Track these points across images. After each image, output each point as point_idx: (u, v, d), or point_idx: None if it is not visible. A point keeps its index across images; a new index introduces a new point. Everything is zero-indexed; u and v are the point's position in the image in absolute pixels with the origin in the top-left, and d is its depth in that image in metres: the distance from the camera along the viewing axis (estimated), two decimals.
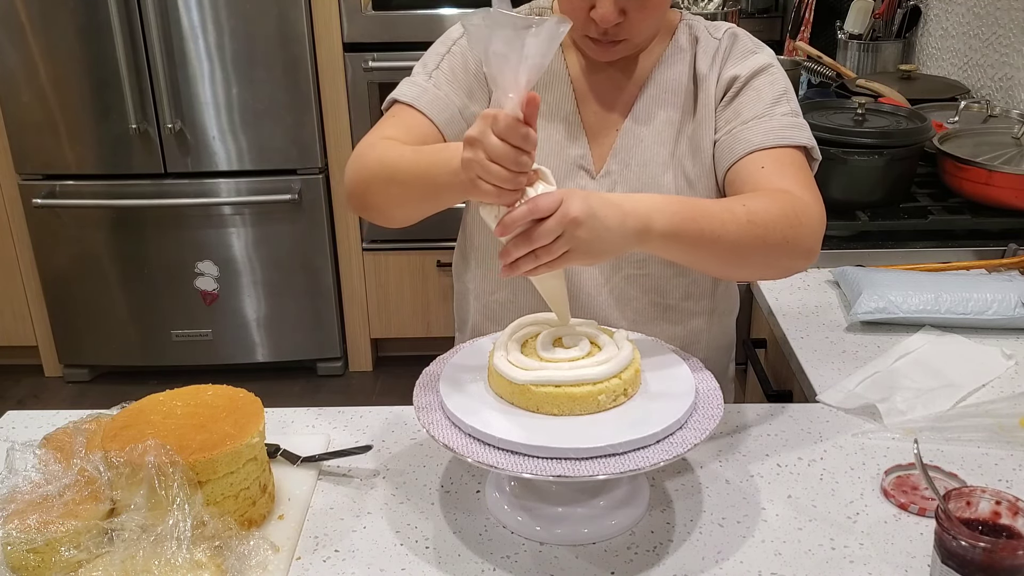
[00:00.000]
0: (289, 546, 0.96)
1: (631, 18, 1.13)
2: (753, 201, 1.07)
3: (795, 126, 1.17)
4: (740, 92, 1.21)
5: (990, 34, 2.15)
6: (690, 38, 1.25)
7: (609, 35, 1.15)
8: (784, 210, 1.06)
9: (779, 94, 1.20)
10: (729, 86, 1.21)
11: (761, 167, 1.14)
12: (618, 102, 1.25)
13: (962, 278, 1.41)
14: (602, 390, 0.93)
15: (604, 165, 1.24)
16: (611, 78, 1.25)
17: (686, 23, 1.27)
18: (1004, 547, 0.78)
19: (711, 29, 1.26)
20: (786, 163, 1.14)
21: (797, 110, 1.20)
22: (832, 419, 1.16)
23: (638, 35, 1.17)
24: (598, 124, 1.25)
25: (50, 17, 2.81)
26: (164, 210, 3.02)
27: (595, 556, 0.94)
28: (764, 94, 1.20)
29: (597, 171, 1.24)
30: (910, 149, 1.67)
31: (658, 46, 1.26)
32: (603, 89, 1.25)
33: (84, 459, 0.94)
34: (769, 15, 3.20)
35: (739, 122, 1.19)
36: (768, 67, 1.21)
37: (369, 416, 1.20)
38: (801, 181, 1.12)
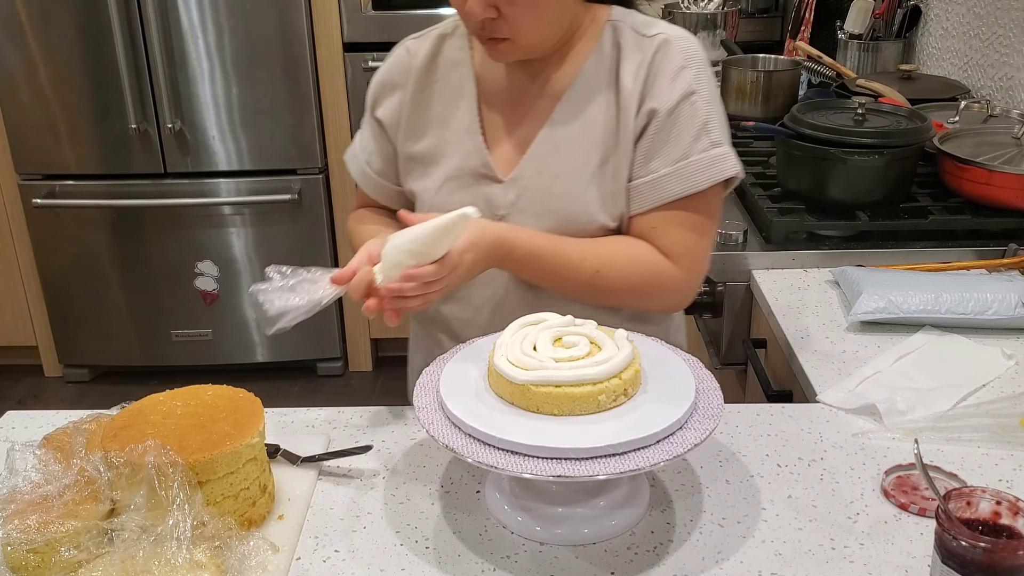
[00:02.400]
0: (289, 546, 0.96)
1: (506, 16, 1.12)
2: (611, 267, 1.19)
3: (714, 162, 1.18)
4: (659, 130, 1.18)
5: (990, 34, 2.15)
6: (613, 42, 1.22)
7: (487, 31, 1.15)
8: (636, 283, 1.20)
9: (699, 127, 1.18)
10: (649, 120, 1.19)
11: (652, 227, 1.20)
12: (536, 106, 1.24)
13: (962, 278, 1.41)
14: (602, 390, 0.93)
15: (515, 170, 1.23)
16: (529, 82, 1.25)
17: (612, 25, 1.23)
18: (1004, 547, 0.78)
19: (640, 36, 1.22)
20: (676, 221, 1.20)
21: (718, 137, 1.19)
22: (832, 419, 1.16)
23: (521, 35, 1.15)
24: (512, 129, 1.25)
25: (50, 17, 2.81)
26: (164, 210, 3.01)
27: (595, 556, 0.94)
28: (685, 130, 1.18)
29: (505, 175, 1.24)
30: (910, 149, 1.67)
31: (583, 47, 1.23)
32: (519, 93, 1.25)
33: (84, 459, 0.94)
34: (769, 15, 3.19)
35: (659, 164, 1.19)
36: (691, 94, 1.18)
37: (369, 416, 1.20)
38: (687, 238, 1.20)
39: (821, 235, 1.64)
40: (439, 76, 1.28)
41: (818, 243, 1.61)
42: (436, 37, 1.30)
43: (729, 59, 2.44)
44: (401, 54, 1.30)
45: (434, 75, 1.28)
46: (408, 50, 1.30)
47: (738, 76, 2.25)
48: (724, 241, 1.62)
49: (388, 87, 1.30)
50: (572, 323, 1.03)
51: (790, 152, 1.71)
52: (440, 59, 1.28)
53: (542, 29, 1.17)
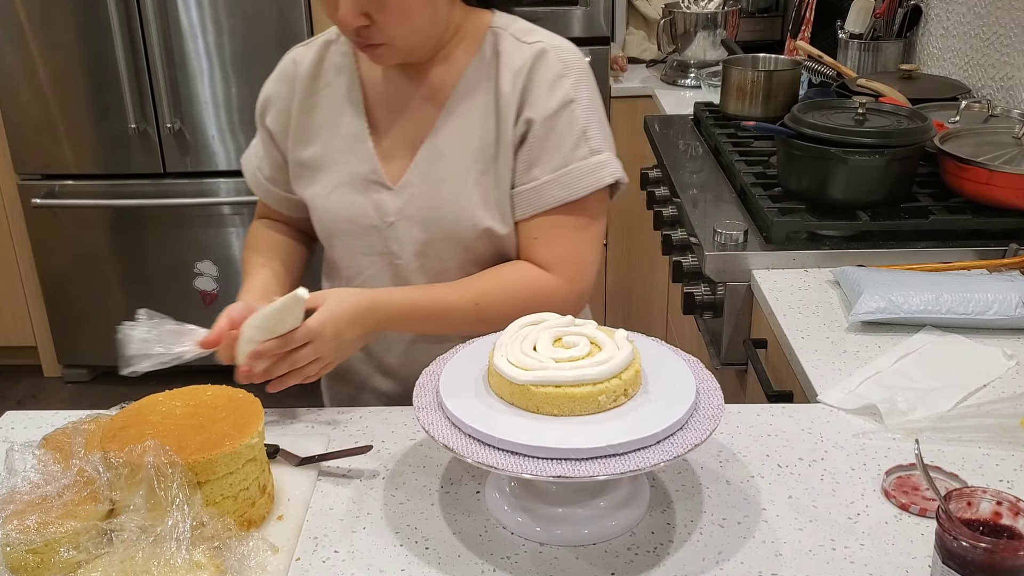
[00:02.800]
0: (289, 547, 0.96)
1: (378, 22, 1.14)
2: (490, 296, 1.22)
3: (593, 170, 1.21)
4: (538, 138, 1.20)
5: (991, 34, 2.15)
6: (493, 50, 1.24)
7: (363, 39, 1.16)
8: (518, 302, 1.19)
9: (578, 135, 1.21)
10: (527, 128, 1.21)
11: (534, 238, 1.24)
12: (421, 113, 1.26)
13: (963, 278, 1.41)
14: (602, 390, 0.93)
15: (404, 177, 1.25)
16: (413, 88, 1.26)
17: (492, 31, 1.25)
18: (1005, 548, 0.78)
19: (519, 42, 1.23)
20: (558, 229, 1.23)
21: (598, 145, 1.22)
22: (833, 419, 1.16)
23: (396, 39, 1.16)
24: (399, 135, 1.26)
25: (50, 17, 2.81)
26: (163, 210, 3.01)
27: (595, 557, 0.94)
28: (564, 139, 1.20)
29: (394, 182, 1.25)
30: (911, 149, 1.67)
31: (465, 53, 1.24)
32: (404, 100, 1.26)
33: (83, 459, 0.94)
34: (769, 15, 3.19)
35: (540, 172, 1.21)
36: (568, 103, 1.20)
37: (369, 416, 1.20)
38: (568, 247, 1.24)
39: (822, 235, 1.64)
40: (325, 83, 1.30)
41: (819, 243, 1.61)
42: (321, 44, 1.31)
43: (729, 59, 2.44)
44: (287, 63, 1.33)
45: (320, 82, 1.30)
46: (294, 59, 1.32)
47: (739, 76, 2.25)
48: (724, 241, 1.62)
49: (275, 96, 1.33)
50: (572, 323, 1.03)
51: (790, 152, 1.71)
52: (326, 65, 1.30)
53: (415, 33, 1.18)
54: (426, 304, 1.21)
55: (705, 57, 3.00)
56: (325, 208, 1.28)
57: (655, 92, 2.97)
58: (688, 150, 2.22)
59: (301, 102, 1.30)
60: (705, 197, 1.90)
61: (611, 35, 3.10)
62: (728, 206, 1.82)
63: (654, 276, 3.04)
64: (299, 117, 1.30)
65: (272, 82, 1.34)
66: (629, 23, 3.40)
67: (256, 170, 1.39)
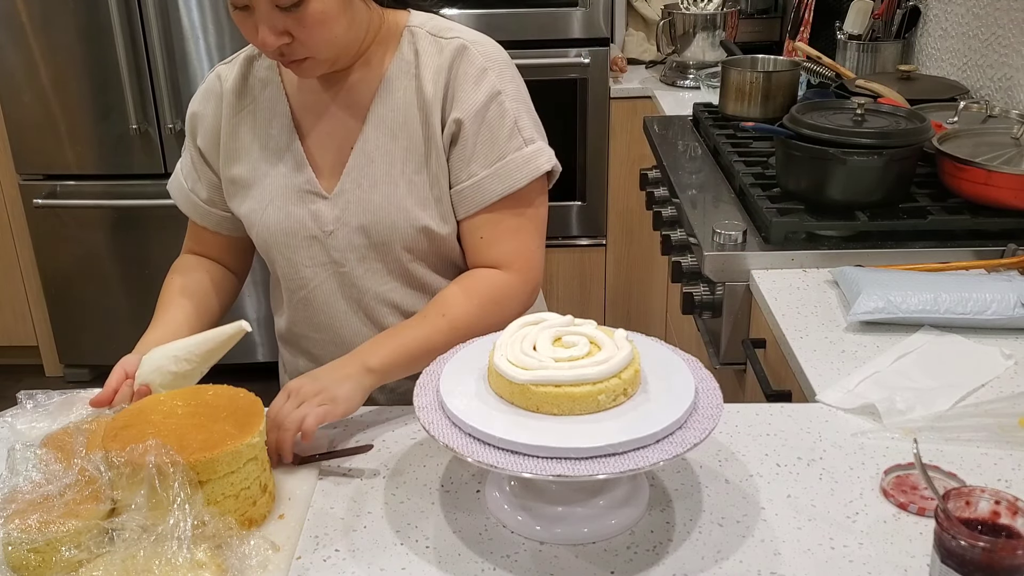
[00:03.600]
0: (289, 546, 0.96)
1: (298, 37, 1.13)
2: (453, 307, 1.21)
3: (528, 160, 1.22)
4: (471, 134, 1.21)
5: (989, 34, 2.15)
6: (412, 48, 1.24)
7: (287, 56, 1.16)
8: (483, 304, 1.22)
9: (510, 127, 1.22)
10: (458, 128, 1.21)
11: (480, 237, 1.24)
12: (348, 119, 1.26)
13: (961, 278, 1.41)
14: (602, 390, 0.93)
15: (338, 185, 1.25)
16: (338, 95, 1.26)
17: (410, 29, 1.25)
18: (1003, 547, 0.78)
19: (436, 38, 1.24)
20: (503, 224, 1.24)
21: (530, 134, 1.23)
22: (831, 419, 1.17)
23: (317, 51, 1.16)
24: (328, 144, 1.26)
25: (50, 17, 2.81)
26: (164, 210, 3.01)
27: (595, 556, 0.95)
28: (496, 133, 1.21)
29: (330, 191, 1.26)
30: (909, 149, 1.67)
31: (384, 54, 1.25)
32: (331, 108, 1.26)
33: (85, 459, 0.94)
34: (768, 15, 3.20)
35: (477, 167, 1.22)
36: (496, 95, 1.21)
37: (369, 416, 1.20)
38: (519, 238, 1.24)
39: (820, 235, 1.64)
40: (251, 98, 1.30)
41: (817, 243, 1.62)
42: (244, 60, 1.31)
43: (729, 59, 2.44)
44: (212, 80, 1.32)
45: (245, 98, 1.30)
46: (219, 76, 1.32)
47: (737, 76, 2.25)
48: (723, 241, 1.62)
49: (202, 114, 1.32)
50: (572, 323, 1.03)
51: (789, 152, 1.71)
52: (251, 80, 1.30)
53: (335, 42, 1.17)
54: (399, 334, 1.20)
55: (704, 58, 3.01)
56: (263, 223, 1.28)
57: (654, 93, 2.97)
58: (687, 151, 2.23)
59: (228, 119, 1.30)
60: (704, 197, 1.90)
61: (610, 36, 3.10)
62: (727, 206, 1.82)
63: (653, 276, 3.04)
64: (228, 134, 1.30)
65: (198, 100, 1.33)
66: (628, 24, 3.41)
67: (190, 193, 1.37)
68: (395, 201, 1.23)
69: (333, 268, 1.29)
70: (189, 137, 1.35)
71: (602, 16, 2.99)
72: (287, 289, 1.34)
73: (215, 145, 1.32)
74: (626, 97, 3.04)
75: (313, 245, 1.28)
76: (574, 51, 2.95)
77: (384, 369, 1.16)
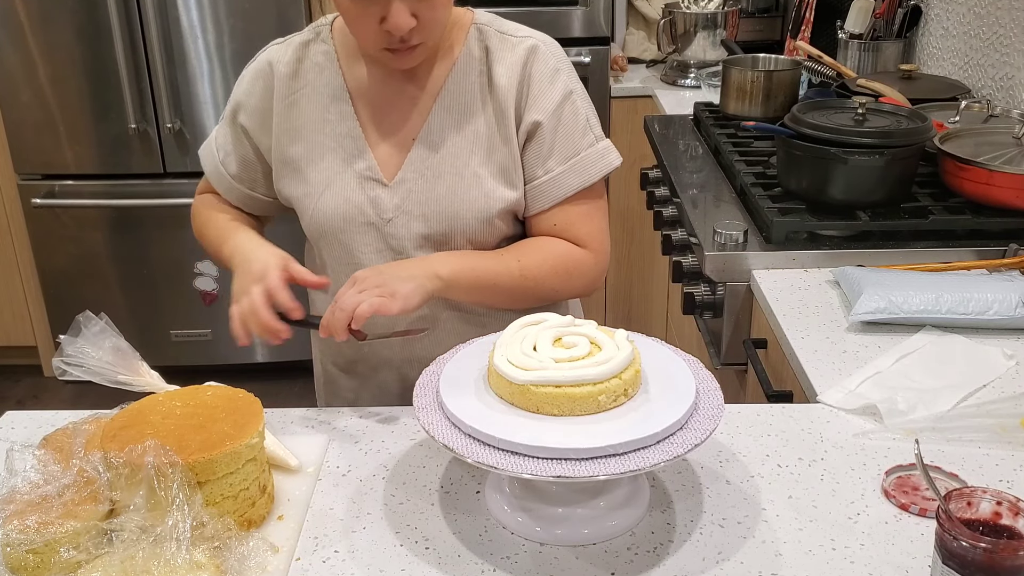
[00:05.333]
0: (289, 547, 0.96)
1: (423, 20, 1.15)
2: (528, 256, 1.26)
3: (601, 155, 1.29)
4: (548, 132, 1.25)
5: (991, 34, 2.15)
6: (480, 45, 1.26)
7: (406, 41, 1.16)
8: (556, 267, 1.27)
9: (583, 124, 1.27)
10: (534, 131, 1.25)
11: (554, 224, 1.28)
12: (411, 110, 1.27)
13: (963, 278, 1.41)
14: (602, 390, 0.93)
15: (398, 173, 1.26)
16: (401, 86, 1.27)
17: (477, 27, 1.28)
18: (1005, 548, 0.78)
19: (506, 36, 1.27)
20: (576, 211, 1.29)
21: (599, 132, 1.30)
22: (832, 419, 1.16)
23: (431, 36, 1.19)
24: (389, 133, 1.27)
25: (50, 17, 2.81)
26: (163, 210, 3.01)
27: (595, 557, 0.94)
28: (571, 130, 1.26)
29: (390, 179, 1.26)
30: (911, 149, 1.67)
31: (450, 50, 1.26)
32: (392, 98, 1.27)
33: (83, 460, 0.94)
34: (769, 15, 3.19)
35: (554, 164, 1.26)
36: (569, 95, 1.26)
37: (369, 416, 1.20)
38: (594, 224, 1.31)
39: (821, 235, 1.64)
40: (306, 82, 1.29)
41: (818, 243, 1.61)
42: (299, 44, 1.31)
43: (729, 59, 2.44)
44: (262, 61, 1.32)
45: (300, 81, 1.30)
46: (272, 56, 1.31)
47: (738, 76, 2.25)
48: (724, 241, 1.62)
49: (253, 94, 1.32)
50: (572, 323, 1.03)
51: (790, 152, 1.71)
52: (305, 64, 1.30)
53: (444, 27, 1.21)
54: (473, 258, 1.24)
55: (705, 57, 3.01)
56: (318, 207, 1.28)
57: (655, 92, 2.97)
58: (688, 150, 2.23)
59: (281, 100, 1.29)
60: (705, 197, 1.90)
61: (611, 35, 3.10)
62: (728, 206, 1.82)
63: (654, 276, 3.04)
64: (281, 116, 1.30)
65: (247, 81, 1.33)
66: (629, 23, 3.40)
67: (219, 164, 1.38)
68: (459, 192, 1.25)
69: (390, 255, 1.28)
70: (231, 113, 1.35)
71: (603, 15, 2.99)
72: (338, 274, 1.31)
73: (264, 126, 1.31)
74: (627, 96, 3.04)
75: (370, 232, 1.28)
76: (575, 50, 2.95)
77: (451, 281, 1.20)
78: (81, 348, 1.09)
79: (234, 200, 1.40)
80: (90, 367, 1.09)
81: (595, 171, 1.28)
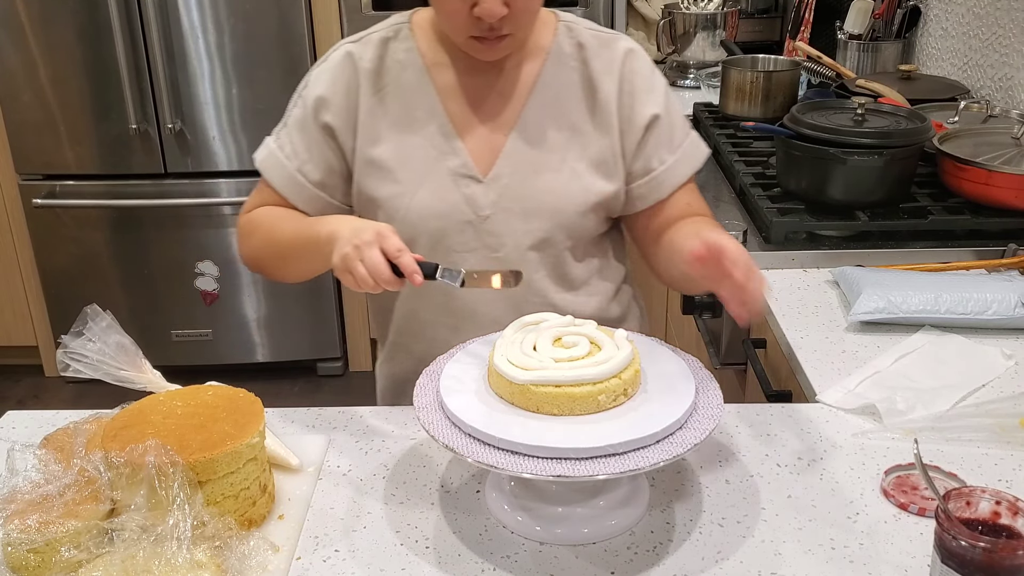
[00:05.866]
0: (289, 546, 0.96)
1: (515, 9, 1.14)
2: None
3: (697, 144, 1.34)
4: (661, 128, 1.28)
5: (990, 34, 2.15)
6: (573, 43, 1.27)
7: (495, 31, 1.15)
8: None
9: (680, 118, 1.32)
10: (653, 124, 1.27)
11: (687, 203, 1.31)
12: (501, 106, 1.26)
13: (962, 278, 1.41)
14: (602, 390, 0.93)
15: (493, 169, 1.25)
16: (488, 82, 1.26)
17: (565, 24, 1.28)
18: (1004, 547, 0.78)
19: (598, 33, 1.28)
20: (694, 189, 1.34)
21: (688, 123, 1.34)
22: (832, 419, 1.16)
23: (521, 28, 1.18)
24: (479, 129, 1.26)
25: (50, 17, 2.81)
26: (164, 210, 3.02)
27: (595, 556, 0.94)
28: (675, 122, 1.30)
29: (485, 174, 1.25)
30: (910, 149, 1.67)
31: (537, 46, 1.26)
32: (480, 94, 1.26)
33: (84, 459, 0.94)
34: (769, 15, 3.19)
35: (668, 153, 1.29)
36: (668, 91, 1.31)
37: (369, 416, 1.20)
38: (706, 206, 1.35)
39: (821, 235, 1.64)
40: (390, 79, 1.27)
41: (818, 243, 1.61)
42: (379, 41, 1.28)
43: (729, 59, 2.44)
44: (341, 59, 1.27)
45: (383, 79, 1.27)
46: (352, 54, 1.27)
47: (738, 76, 2.25)
48: None
49: (332, 93, 1.26)
50: (572, 323, 1.03)
51: (790, 152, 1.71)
52: (387, 62, 1.27)
53: (533, 20, 1.21)
54: None
55: (704, 58, 3.00)
56: (411, 207, 1.24)
57: None
58: None
59: (366, 99, 1.26)
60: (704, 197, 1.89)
61: None
62: (727, 206, 1.82)
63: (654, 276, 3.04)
64: (367, 115, 1.26)
65: (326, 80, 1.27)
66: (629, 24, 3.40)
67: (296, 173, 1.28)
68: (559, 187, 1.24)
69: (486, 252, 1.26)
70: (310, 117, 1.27)
71: (602, 15, 2.99)
72: None
73: (349, 125, 1.26)
74: None
75: (466, 230, 1.25)
76: None
77: None
78: (85, 343, 1.09)
79: (313, 212, 1.29)
80: (93, 361, 1.09)
81: (699, 157, 1.33)
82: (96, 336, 1.10)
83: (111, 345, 1.10)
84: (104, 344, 1.10)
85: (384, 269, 1.04)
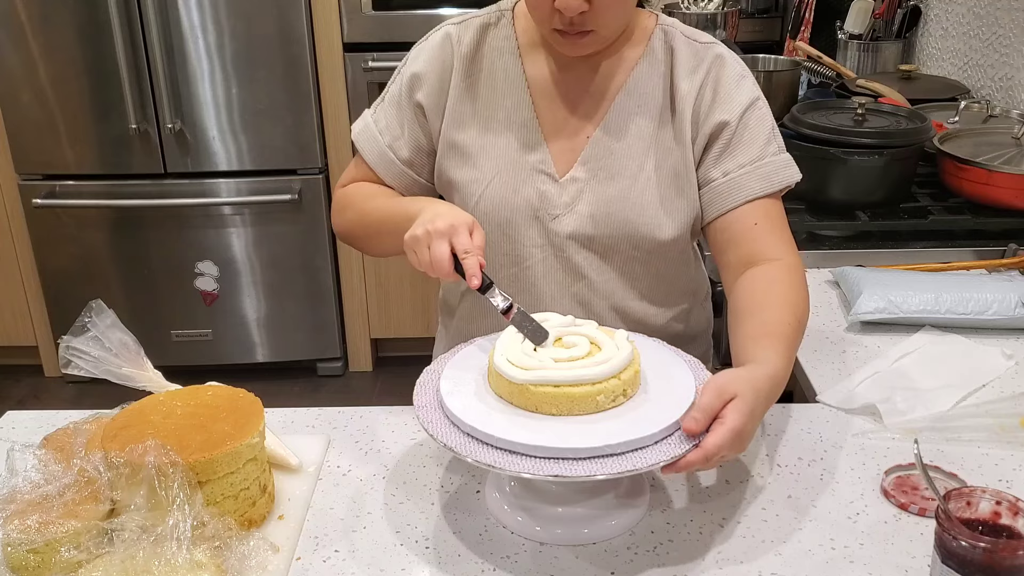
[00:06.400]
0: (289, 546, 0.96)
1: (596, 7, 1.11)
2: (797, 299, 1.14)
3: (785, 165, 1.24)
4: (733, 134, 1.21)
5: (990, 34, 2.15)
6: (665, 47, 1.24)
7: (575, 25, 1.13)
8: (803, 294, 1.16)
9: (769, 131, 1.23)
10: (718, 132, 1.21)
11: (755, 223, 1.21)
12: (588, 106, 1.24)
13: (962, 278, 1.41)
14: (601, 390, 0.93)
15: (570, 170, 1.23)
16: (580, 80, 1.24)
17: (662, 28, 1.25)
18: (1004, 547, 0.78)
19: (692, 41, 1.24)
20: (774, 216, 1.22)
21: (782, 144, 1.26)
22: (832, 419, 1.16)
23: (605, 26, 1.15)
24: (564, 127, 1.24)
25: (50, 17, 2.81)
26: (164, 210, 3.01)
27: (595, 556, 0.94)
28: (757, 134, 1.22)
29: (561, 175, 1.23)
30: (910, 149, 1.67)
31: (632, 50, 1.24)
32: (570, 92, 1.24)
33: (84, 459, 0.94)
34: (769, 15, 3.19)
35: (735, 165, 1.21)
36: (755, 100, 1.24)
37: (369, 416, 1.20)
38: (785, 234, 1.23)
39: (821, 235, 1.64)
40: (485, 66, 1.25)
41: (818, 243, 1.61)
42: (479, 26, 1.27)
43: None
44: (440, 40, 1.27)
45: (479, 64, 1.25)
46: (450, 36, 1.26)
47: None
48: None
49: (427, 72, 1.26)
50: (572, 323, 1.03)
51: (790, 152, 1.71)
52: (485, 48, 1.26)
53: (620, 21, 1.17)
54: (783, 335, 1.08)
55: None
56: (484, 195, 1.24)
57: None
58: None
59: (460, 82, 1.25)
60: None
61: None
62: None
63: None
64: (456, 97, 1.25)
65: (423, 59, 1.26)
66: None
67: (387, 149, 1.28)
68: (633, 197, 1.22)
69: (551, 251, 1.25)
70: (404, 94, 1.27)
71: None
72: (495, 264, 1.26)
73: (440, 104, 1.26)
74: None
75: (534, 226, 1.24)
76: None
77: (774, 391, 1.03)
78: (87, 340, 1.10)
79: (399, 188, 1.30)
80: (94, 359, 1.09)
81: (778, 179, 1.22)
82: (101, 332, 1.10)
83: (114, 341, 1.10)
84: (108, 341, 1.10)
85: (446, 264, 1.04)
